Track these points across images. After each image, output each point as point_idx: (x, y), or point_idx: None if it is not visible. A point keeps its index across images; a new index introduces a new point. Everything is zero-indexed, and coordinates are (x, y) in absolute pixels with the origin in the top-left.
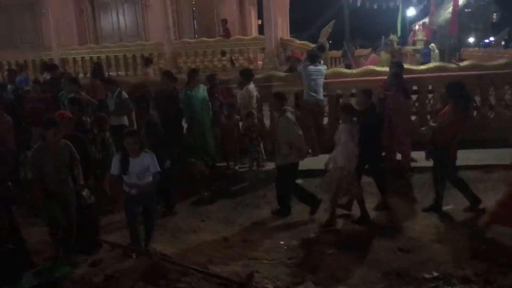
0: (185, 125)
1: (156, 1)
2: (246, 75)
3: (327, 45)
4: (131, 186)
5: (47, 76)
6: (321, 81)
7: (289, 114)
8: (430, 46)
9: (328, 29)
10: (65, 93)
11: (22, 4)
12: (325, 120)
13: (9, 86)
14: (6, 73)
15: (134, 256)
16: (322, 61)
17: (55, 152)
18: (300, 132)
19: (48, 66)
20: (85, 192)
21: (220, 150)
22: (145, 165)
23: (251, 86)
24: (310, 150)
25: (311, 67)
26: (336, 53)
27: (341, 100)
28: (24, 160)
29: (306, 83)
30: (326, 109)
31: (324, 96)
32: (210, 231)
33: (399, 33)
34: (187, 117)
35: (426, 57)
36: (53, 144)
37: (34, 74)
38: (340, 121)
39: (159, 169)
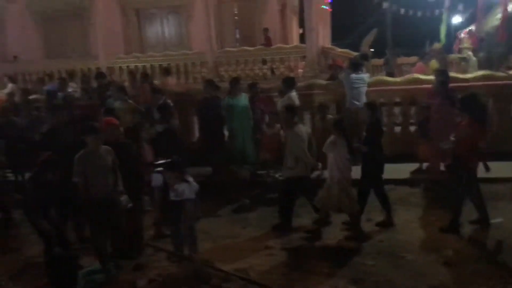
0: (226, 133)
1: (200, 11)
2: (289, 83)
3: (370, 54)
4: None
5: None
6: (363, 89)
7: (297, 129)
8: (466, 55)
9: (370, 37)
10: (112, 100)
11: (73, 15)
12: None
13: (59, 94)
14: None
15: (177, 261)
16: (364, 69)
17: (97, 158)
18: (305, 147)
19: (96, 75)
20: (123, 198)
21: (261, 158)
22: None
23: (293, 94)
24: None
25: (354, 75)
26: (378, 62)
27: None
28: None
29: (348, 91)
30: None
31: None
32: (251, 238)
33: (443, 40)
34: (228, 125)
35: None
36: (94, 151)
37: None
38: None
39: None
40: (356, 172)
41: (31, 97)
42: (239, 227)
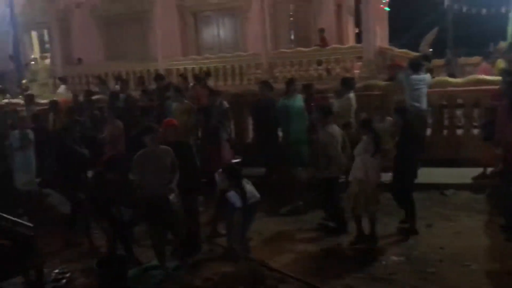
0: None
1: (255, 13)
2: (347, 83)
3: (430, 54)
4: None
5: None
6: (424, 90)
7: (330, 129)
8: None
9: (430, 36)
10: (171, 101)
11: (133, 18)
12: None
13: (121, 95)
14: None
15: (233, 260)
16: (425, 70)
17: (155, 157)
18: (339, 148)
19: (155, 77)
20: (171, 196)
21: (315, 160)
22: None
23: (352, 95)
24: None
25: (414, 76)
26: (438, 62)
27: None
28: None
29: (408, 93)
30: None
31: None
32: (306, 240)
33: (510, 39)
34: (283, 126)
35: None
36: (152, 150)
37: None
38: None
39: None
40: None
41: (93, 97)
42: (294, 228)
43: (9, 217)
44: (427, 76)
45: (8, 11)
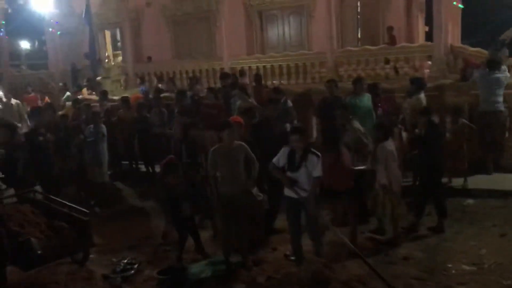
0: None
1: (321, 11)
2: (418, 83)
3: (507, 53)
4: (300, 188)
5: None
6: (500, 91)
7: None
8: None
9: (508, 34)
10: (236, 100)
11: (200, 18)
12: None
13: (188, 93)
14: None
15: (296, 260)
16: (503, 68)
17: (230, 153)
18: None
19: (221, 75)
20: (254, 190)
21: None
22: (309, 168)
23: (422, 95)
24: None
25: (490, 76)
26: None
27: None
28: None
29: (482, 93)
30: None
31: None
32: (366, 246)
33: None
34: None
35: None
36: (227, 145)
37: (208, 82)
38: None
39: (320, 174)
40: None
41: (162, 95)
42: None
43: (66, 202)
44: (504, 76)
45: (85, 11)
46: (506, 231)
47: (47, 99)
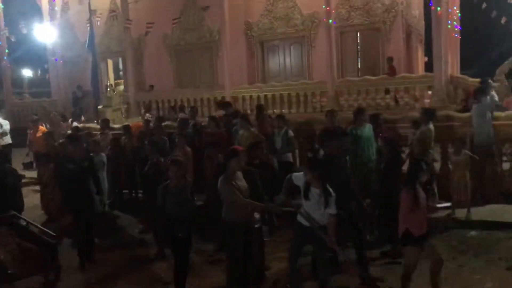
0: None
1: (322, 42)
2: (429, 114)
3: (506, 83)
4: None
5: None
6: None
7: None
8: None
9: (507, 65)
10: (238, 128)
11: (203, 47)
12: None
13: (190, 121)
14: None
15: None
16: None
17: (235, 181)
18: None
19: (223, 104)
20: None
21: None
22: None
23: (431, 126)
24: None
25: (478, 105)
26: None
27: None
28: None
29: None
30: None
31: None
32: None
33: None
34: (351, 156)
35: None
36: (233, 174)
37: (209, 111)
38: None
39: (335, 212)
40: None
41: (164, 123)
42: None
43: (39, 226)
44: (490, 101)
45: (88, 40)
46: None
47: (42, 128)
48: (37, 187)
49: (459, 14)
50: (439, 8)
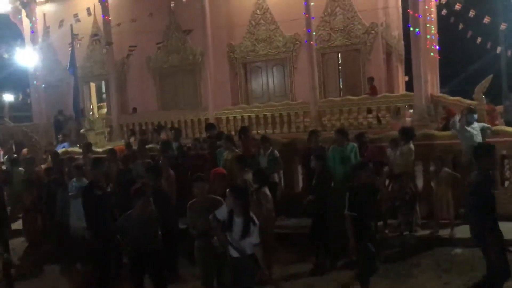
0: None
1: (304, 63)
2: (408, 133)
3: (484, 101)
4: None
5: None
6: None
7: None
8: None
9: (485, 84)
10: (222, 150)
11: (186, 70)
12: None
13: (174, 144)
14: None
15: None
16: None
17: (203, 208)
18: None
19: (207, 126)
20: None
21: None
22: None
23: (412, 145)
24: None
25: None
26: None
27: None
28: None
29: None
30: None
31: None
32: None
33: None
34: (334, 176)
35: None
36: (200, 200)
37: (193, 133)
38: None
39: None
40: None
41: (147, 146)
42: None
43: None
44: (479, 124)
45: (69, 64)
46: None
47: (25, 151)
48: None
49: (437, 35)
50: (417, 29)
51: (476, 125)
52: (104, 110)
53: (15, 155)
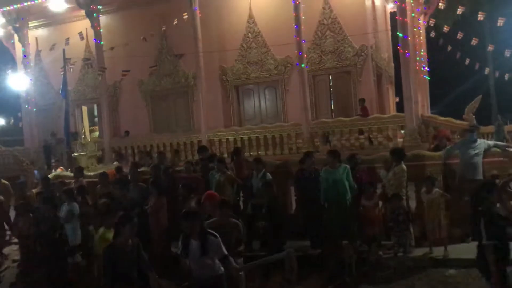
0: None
1: (295, 85)
2: (400, 154)
3: (474, 121)
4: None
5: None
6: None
7: None
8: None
9: (474, 104)
10: (215, 172)
11: (178, 93)
12: None
13: (161, 166)
14: (156, 154)
15: None
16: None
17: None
18: None
19: (199, 148)
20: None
21: (361, 233)
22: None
23: (403, 165)
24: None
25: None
26: (485, 129)
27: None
28: None
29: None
30: None
31: None
32: None
33: None
34: (323, 197)
35: None
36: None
37: (185, 155)
38: None
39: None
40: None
41: (139, 169)
42: None
43: None
44: (482, 143)
45: (61, 87)
46: None
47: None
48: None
49: (427, 56)
50: (406, 51)
51: (478, 142)
52: (96, 134)
53: None
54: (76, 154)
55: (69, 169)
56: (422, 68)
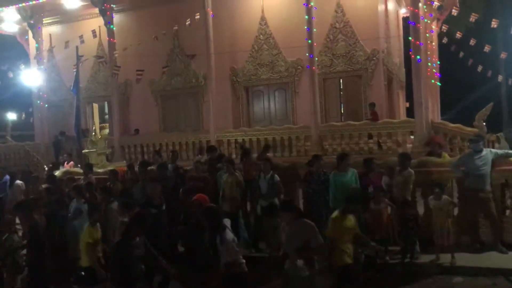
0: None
1: (305, 87)
2: (407, 158)
3: (485, 129)
4: None
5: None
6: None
7: None
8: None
9: (485, 112)
10: (223, 173)
11: (188, 93)
12: None
13: (169, 165)
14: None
15: None
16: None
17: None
18: None
19: (208, 148)
20: None
21: (368, 237)
22: None
23: (411, 170)
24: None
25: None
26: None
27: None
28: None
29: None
30: None
31: None
32: None
33: None
34: (331, 200)
35: None
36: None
37: (194, 155)
38: None
39: None
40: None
41: (149, 168)
42: None
43: None
44: (488, 153)
45: (73, 84)
46: None
47: None
48: None
49: (438, 62)
50: (418, 57)
51: (484, 153)
52: (107, 131)
53: None
54: (86, 151)
55: (79, 165)
56: (434, 74)
